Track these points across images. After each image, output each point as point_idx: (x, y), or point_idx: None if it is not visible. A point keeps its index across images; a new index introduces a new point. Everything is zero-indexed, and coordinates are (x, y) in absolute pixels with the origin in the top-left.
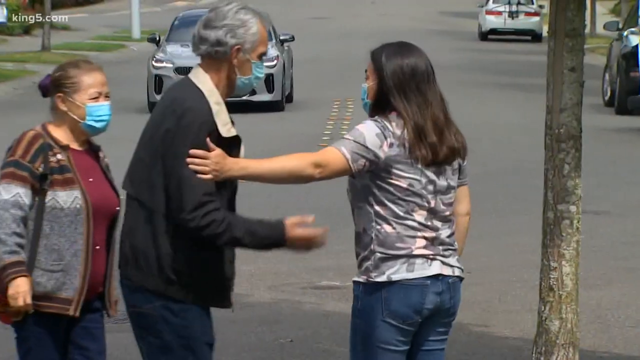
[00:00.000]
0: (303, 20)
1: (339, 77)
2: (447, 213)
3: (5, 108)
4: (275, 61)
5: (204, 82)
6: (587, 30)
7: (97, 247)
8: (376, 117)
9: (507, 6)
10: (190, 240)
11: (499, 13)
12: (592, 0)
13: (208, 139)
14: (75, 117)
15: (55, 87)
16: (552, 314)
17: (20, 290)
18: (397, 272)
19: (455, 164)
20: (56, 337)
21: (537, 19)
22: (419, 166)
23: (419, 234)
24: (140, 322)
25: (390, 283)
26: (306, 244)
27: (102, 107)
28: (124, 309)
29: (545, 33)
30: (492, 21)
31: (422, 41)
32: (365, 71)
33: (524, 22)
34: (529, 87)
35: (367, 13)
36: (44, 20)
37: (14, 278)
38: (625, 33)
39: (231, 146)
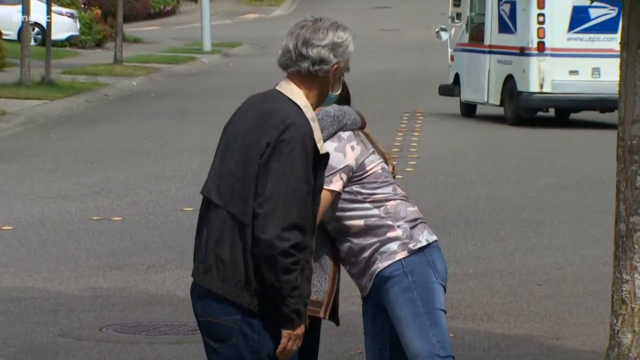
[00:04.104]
0: (374, 32)
1: (409, 89)
2: None
3: (78, 120)
4: None
5: (300, 97)
6: None
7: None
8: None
9: None
10: None
11: None
12: None
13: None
14: None
15: None
16: (625, 327)
17: None
18: (428, 235)
19: None
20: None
21: None
22: (377, 153)
23: (413, 203)
24: (214, 333)
25: (428, 245)
26: None
27: None
28: (194, 321)
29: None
30: None
31: None
32: None
33: None
34: None
35: (436, 24)
36: (116, 33)
37: None
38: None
39: (321, 163)
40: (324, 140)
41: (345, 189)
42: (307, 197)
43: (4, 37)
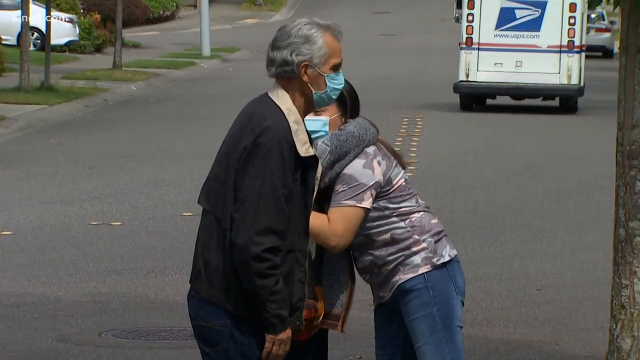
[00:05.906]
0: (372, 37)
1: (408, 93)
2: None
3: (77, 125)
4: None
5: (284, 100)
6: None
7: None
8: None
9: None
10: None
11: None
12: None
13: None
14: None
15: None
16: (624, 332)
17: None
18: (450, 249)
19: None
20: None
21: (608, 35)
22: (399, 166)
23: (434, 214)
24: (205, 337)
25: (451, 261)
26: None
27: None
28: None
29: (616, 49)
30: None
31: None
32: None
33: (594, 38)
34: (600, 104)
35: (435, 30)
36: (115, 38)
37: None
38: None
39: (309, 166)
40: (352, 160)
41: (373, 205)
42: (282, 200)
43: (3, 42)
